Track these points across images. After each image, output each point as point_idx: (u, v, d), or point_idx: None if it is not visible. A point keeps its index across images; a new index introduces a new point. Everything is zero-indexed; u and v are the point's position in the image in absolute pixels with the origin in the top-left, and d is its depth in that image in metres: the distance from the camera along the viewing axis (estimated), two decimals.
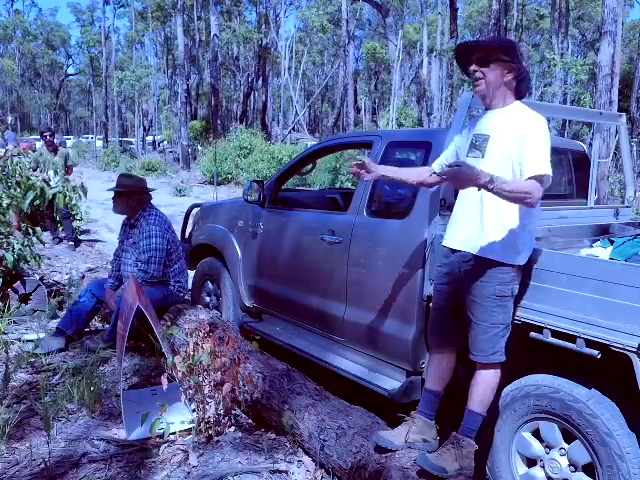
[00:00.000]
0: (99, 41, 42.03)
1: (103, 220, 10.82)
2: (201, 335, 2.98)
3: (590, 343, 2.19)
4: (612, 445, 2.13)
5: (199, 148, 29.78)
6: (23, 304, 4.78)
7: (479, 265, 2.36)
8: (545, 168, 2.21)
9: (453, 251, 2.48)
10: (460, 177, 2.14)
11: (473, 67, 2.37)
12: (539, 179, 2.19)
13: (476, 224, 2.38)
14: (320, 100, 49.77)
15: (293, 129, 33.56)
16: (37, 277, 5.15)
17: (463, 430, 2.37)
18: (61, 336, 4.02)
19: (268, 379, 3.06)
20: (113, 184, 4.27)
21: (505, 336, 2.37)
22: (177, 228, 4.53)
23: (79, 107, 66.84)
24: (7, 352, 3.79)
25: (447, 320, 2.52)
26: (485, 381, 2.38)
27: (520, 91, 2.42)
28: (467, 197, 2.43)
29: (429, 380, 2.60)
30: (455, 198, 2.56)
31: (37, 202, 5.27)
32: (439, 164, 2.65)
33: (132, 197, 4.15)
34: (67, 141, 34.16)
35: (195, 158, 28.37)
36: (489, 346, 2.35)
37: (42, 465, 2.56)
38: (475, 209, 2.39)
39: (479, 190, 2.18)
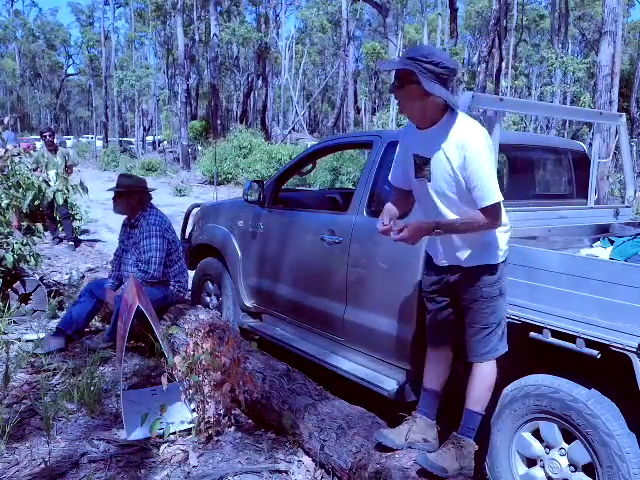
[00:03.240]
0: (99, 41, 42.04)
1: (103, 220, 10.82)
2: (201, 335, 2.98)
3: (590, 343, 2.19)
4: (612, 445, 2.13)
5: (199, 148, 29.77)
6: (23, 304, 4.78)
7: (465, 274, 2.37)
8: (493, 197, 2.16)
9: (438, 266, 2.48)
10: (412, 237, 2.22)
11: (391, 89, 2.25)
12: (490, 209, 2.17)
13: (451, 238, 2.34)
14: (320, 100, 49.76)
15: (293, 129, 33.56)
16: (37, 277, 5.15)
17: (463, 430, 2.38)
18: (61, 336, 4.02)
19: (268, 379, 3.06)
20: (113, 184, 4.27)
21: (498, 333, 2.38)
22: (177, 228, 4.53)
23: (79, 107, 66.80)
24: (7, 352, 3.79)
25: (440, 322, 2.53)
26: (482, 379, 2.38)
27: (449, 107, 2.20)
28: (425, 210, 2.41)
29: (427, 379, 2.60)
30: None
31: (37, 202, 5.27)
32: (395, 177, 2.54)
33: (132, 197, 4.14)
34: (67, 141, 34.13)
35: (195, 158, 28.36)
36: (483, 346, 2.37)
37: (42, 465, 2.56)
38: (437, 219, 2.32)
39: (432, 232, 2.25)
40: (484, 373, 2.38)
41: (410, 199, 2.52)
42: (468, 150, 2.15)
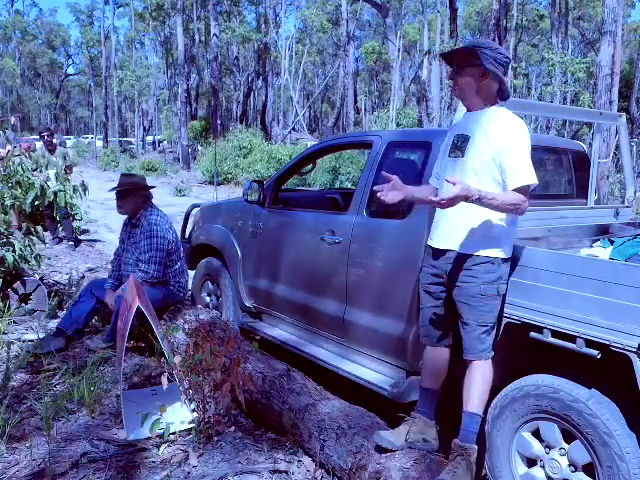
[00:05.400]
0: (99, 41, 42.09)
1: (103, 220, 10.83)
2: (201, 335, 2.98)
3: (590, 343, 2.19)
4: (612, 445, 2.13)
5: (199, 148, 29.78)
6: (23, 304, 4.78)
7: (463, 264, 2.39)
8: (530, 178, 2.28)
9: (439, 251, 2.49)
10: (455, 200, 2.17)
11: (451, 74, 2.48)
12: (525, 189, 2.27)
13: (457, 221, 2.42)
14: (320, 100, 49.77)
15: (293, 129, 33.54)
16: (37, 277, 5.15)
17: (466, 435, 2.35)
18: (61, 336, 4.02)
19: (268, 379, 3.06)
20: (113, 184, 4.26)
21: (492, 334, 2.41)
22: (177, 228, 4.52)
23: (79, 107, 66.77)
24: (7, 352, 3.79)
25: (437, 320, 2.53)
26: (480, 380, 2.39)
27: (502, 92, 2.44)
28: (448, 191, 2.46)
29: (424, 378, 2.60)
30: None
31: (37, 202, 5.27)
32: (435, 176, 2.66)
33: (137, 194, 4.12)
34: (67, 141, 34.13)
35: (195, 158, 28.37)
36: (479, 343, 2.39)
37: (42, 465, 2.56)
38: (455, 206, 2.38)
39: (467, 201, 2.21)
40: (482, 374, 2.38)
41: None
42: (512, 135, 2.32)
